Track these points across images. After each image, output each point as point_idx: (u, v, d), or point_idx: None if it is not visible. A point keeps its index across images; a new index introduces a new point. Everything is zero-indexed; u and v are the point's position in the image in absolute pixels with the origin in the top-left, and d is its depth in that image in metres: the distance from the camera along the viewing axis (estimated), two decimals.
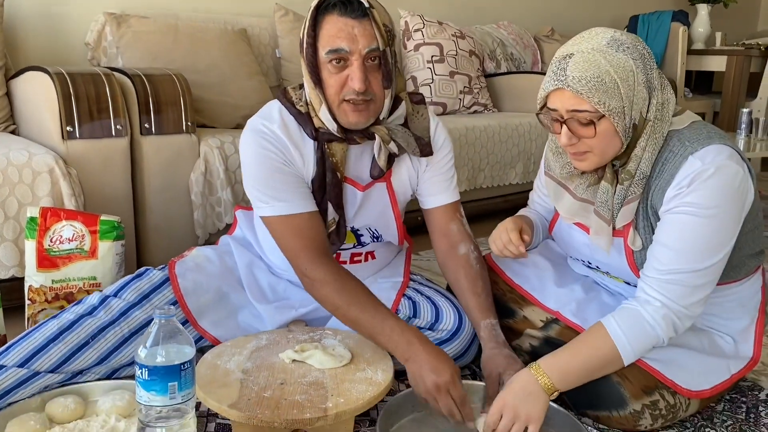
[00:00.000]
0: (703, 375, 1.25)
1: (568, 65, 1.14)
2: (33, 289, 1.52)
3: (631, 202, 1.21)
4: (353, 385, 1.20)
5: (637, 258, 1.25)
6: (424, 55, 3.04)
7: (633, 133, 1.17)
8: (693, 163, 1.14)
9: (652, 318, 1.17)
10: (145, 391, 0.98)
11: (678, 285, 1.16)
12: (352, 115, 1.29)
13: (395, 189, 1.44)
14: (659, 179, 1.18)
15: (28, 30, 2.31)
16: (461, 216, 1.49)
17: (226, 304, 1.44)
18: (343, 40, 1.23)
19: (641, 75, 1.15)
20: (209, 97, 2.23)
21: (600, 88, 1.12)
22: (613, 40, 1.15)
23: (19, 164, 1.62)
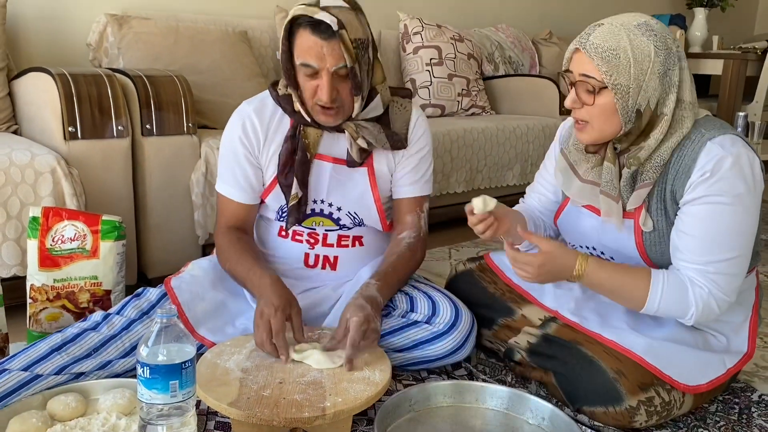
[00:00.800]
0: (699, 370, 1.27)
1: (594, 31, 1.20)
2: (35, 288, 1.53)
3: (645, 187, 1.24)
4: (351, 385, 1.22)
5: (646, 239, 1.28)
6: (422, 57, 3.06)
7: (637, 121, 1.20)
8: (712, 148, 1.18)
9: (694, 298, 1.22)
10: (146, 389, 1.00)
11: (722, 275, 1.21)
12: (321, 117, 1.41)
13: (376, 174, 1.50)
14: (678, 164, 1.21)
15: (30, 31, 2.32)
16: (421, 211, 1.55)
17: (222, 312, 1.47)
18: (312, 58, 1.32)
19: (659, 65, 1.18)
20: (210, 98, 2.24)
21: (612, 60, 1.17)
22: (646, 24, 1.20)
23: (22, 164, 1.63)
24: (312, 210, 1.49)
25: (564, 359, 1.31)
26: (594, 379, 1.25)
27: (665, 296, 1.24)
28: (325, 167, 1.48)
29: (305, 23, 1.31)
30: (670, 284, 1.24)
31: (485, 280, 1.55)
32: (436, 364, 1.45)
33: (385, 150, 1.49)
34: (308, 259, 1.52)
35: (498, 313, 1.48)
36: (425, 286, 1.54)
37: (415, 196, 1.54)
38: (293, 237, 1.52)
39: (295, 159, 1.44)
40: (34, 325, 1.54)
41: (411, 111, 1.53)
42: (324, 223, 1.51)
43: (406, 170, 1.52)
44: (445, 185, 2.63)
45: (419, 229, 1.53)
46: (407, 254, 1.50)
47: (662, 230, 1.27)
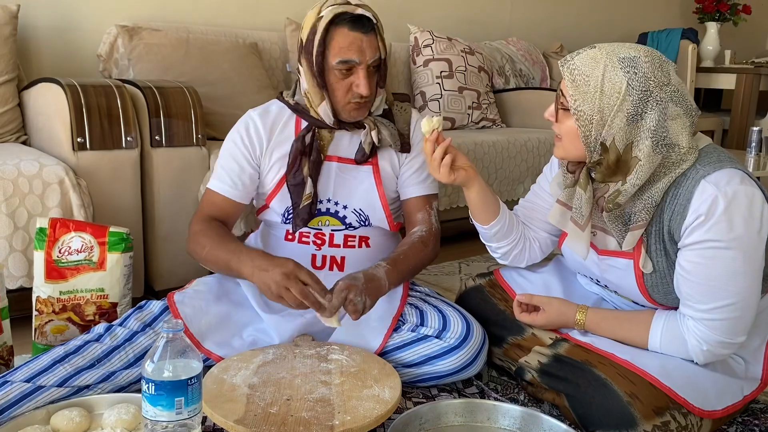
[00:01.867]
0: (715, 395, 1.24)
1: (581, 53, 1.19)
2: (41, 300, 1.52)
3: (638, 228, 1.21)
4: (360, 403, 1.19)
5: (647, 280, 1.25)
6: (433, 70, 3.05)
7: (604, 153, 1.18)
8: (706, 188, 1.14)
9: (692, 346, 1.23)
10: (151, 406, 0.98)
11: (720, 320, 1.19)
12: (354, 113, 1.46)
13: (381, 172, 1.54)
14: (674, 204, 1.18)
15: (41, 41, 2.32)
16: (431, 208, 1.58)
17: (228, 324, 1.45)
18: (354, 53, 1.39)
19: (629, 105, 1.13)
20: (219, 110, 2.24)
21: (581, 86, 1.16)
22: (632, 59, 1.15)
23: (30, 175, 1.62)
24: (318, 209, 1.51)
25: (576, 381, 1.27)
26: (607, 403, 1.21)
27: (665, 343, 1.26)
28: (330, 167, 1.51)
29: (345, 20, 1.38)
30: (668, 333, 1.25)
31: (495, 297, 1.53)
32: (446, 380, 1.43)
33: (389, 150, 1.53)
34: (315, 260, 1.52)
35: (508, 331, 1.45)
36: (436, 300, 1.52)
37: (422, 195, 1.56)
38: (300, 239, 1.53)
39: (304, 158, 1.47)
40: (40, 337, 1.53)
41: (411, 112, 1.59)
42: (330, 222, 1.52)
43: (411, 171, 1.56)
44: (455, 199, 2.60)
45: (430, 224, 1.55)
46: (419, 245, 1.51)
47: (663, 271, 1.24)
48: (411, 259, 1.48)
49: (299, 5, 2.84)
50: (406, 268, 1.47)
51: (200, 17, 2.65)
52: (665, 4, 4.72)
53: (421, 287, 1.62)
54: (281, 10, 2.83)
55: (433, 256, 1.56)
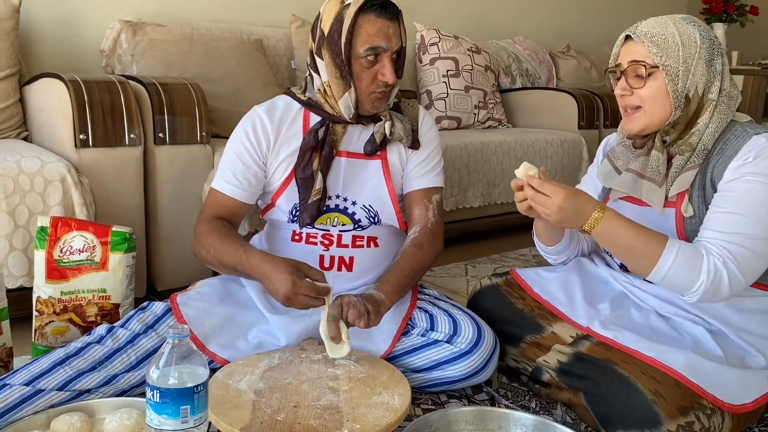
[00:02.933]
0: (743, 389, 1.21)
1: (642, 23, 1.30)
2: (41, 301, 1.48)
3: (689, 170, 1.27)
4: (369, 410, 1.16)
5: (687, 226, 1.28)
6: (439, 69, 3.01)
7: (686, 107, 1.26)
8: (757, 140, 1.23)
9: (707, 267, 1.19)
10: (155, 413, 0.94)
11: (743, 248, 1.19)
12: (377, 103, 1.44)
13: (390, 167, 1.52)
14: (721, 155, 1.25)
15: (43, 36, 2.29)
16: (429, 202, 1.54)
17: (232, 326, 1.42)
18: (382, 39, 1.38)
19: (704, 52, 1.26)
20: (224, 107, 2.20)
21: (661, 43, 1.26)
22: (690, 18, 1.30)
23: (31, 172, 1.59)
24: (327, 206, 1.48)
25: (597, 379, 1.24)
26: (630, 401, 1.18)
27: (678, 260, 1.21)
28: (339, 162, 1.49)
29: (374, 7, 1.38)
30: (685, 250, 1.22)
31: (513, 296, 1.49)
32: (456, 386, 1.40)
33: (398, 144, 1.52)
34: (323, 261, 1.49)
35: (526, 330, 1.42)
36: (446, 304, 1.49)
37: (423, 188, 1.53)
38: (307, 240, 1.50)
39: (314, 153, 1.45)
40: (40, 338, 1.49)
41: (418, 108, 1.59)
42: (339, 220, 1.49)
43: (415, 163, 1.54)
44: (462, 199, 2.57)
45: (426, 220, 1.51)
46: (411, 249, 1.47)
47: (701, 216, 1.27)
48: (404, 268, 1.43)
49: (304, 1, 2.81)
50: (398, 277, 1.41)
51: (204, 13, 2.61)
52: (672, 4, 4.69)
53: (430, 290, 1.59)
54: (286, 6, 2.79)
55: (433, 254, 1.51)
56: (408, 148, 1.53)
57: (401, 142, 1.50)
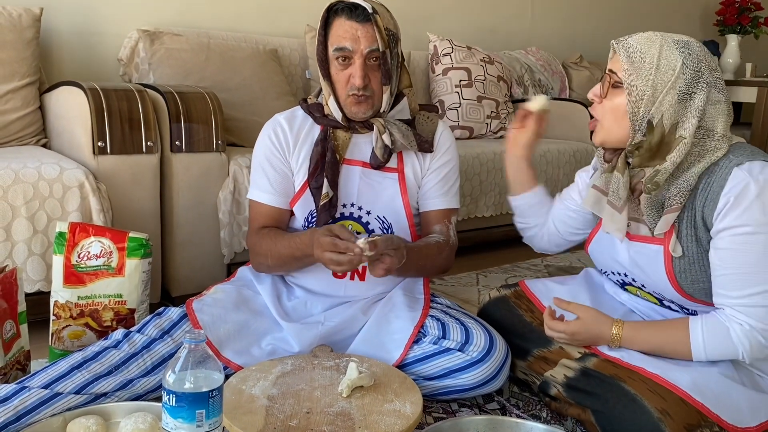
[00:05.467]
0: (749, 411, 1.20)
1: (636, 35, 1.24)
2: (58, 305, 1.50)
3: (672, 212, 1.22)
4: (381, 417, 1.16)
5: (676, 266, 1.25)
6: (452, 79, 3.03)
7: (648, 134, 1.19)
8: (738, 174, 1.16)
9: (737, 337, 1.19)
10: (171, 417, 0.96)
11: (760, 307, 1.17)
12: (354, 108, 1.46)
13: (407, 181, 1.53)
14: (707, 191, 1.19)
15: (62, 45, 2.33)
16: (449, 222, 1.57)
17: (247, 333, 1.43)
18: (347, 41, 1.40)
19: (682, 83, 1.17)
20: (239, 116, 2.23)
21: (636, 62, 1.19)
22: (684, 43, 1.21)
23: (50, 178, 1.62)
24: (342, 214, 1.50)
25: (604, 396, 1.24)
26: (636, 419, 1.18)
27: (708, 344, 1.22)
28: (354, 171, 1.51)
29: (342, 9, 1.41)
30: (709, 330, 1.22)
31: (521, 308, 1.50)
32: (468, 395, 1.40)
33: (412, 153, 1.53)
34: None
35: (534, 344, 1.43)
36: (457, 313, 1.50)
37: (442, 209, 1.56)
38: None
39: (325, 161, 1.48)
40: (57, 342, 1.51)
41: (437, 123, 1.58)
42: (354, 228, 1.51)
43: (433, 182, 1.55)
44: (474, 209, 2.58)
45: (448, 236, 1.55)
46: (435, 248, 1.50)
47: (692, 256, 1.24)
48: (425, 257, 1.48)
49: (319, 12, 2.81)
50: (416, 261, 1.45)
51: (221, 23, 2.64)
52: (686, 17, 4.68)
53: (442, 299, 1.59)
54: (301, 16, 2.82)
55: (445, 267, 1.55)
56: (423, 160, 1.54)
57: (409, 148, 1.50)
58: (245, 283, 1.56)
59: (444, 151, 1.56)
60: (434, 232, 1.54)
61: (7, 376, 1.36)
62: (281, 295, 1.53)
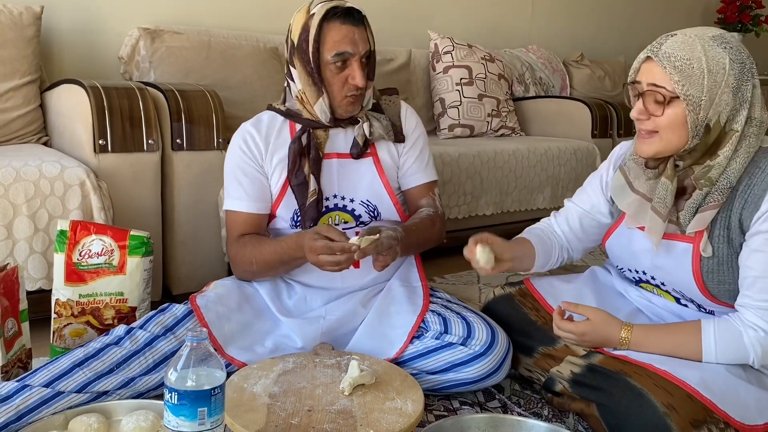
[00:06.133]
0: (757, 409, 1.20)
1: (667, 41, 1.18)
2: (60, 303, 1.50)
3: (710, 209, 1.20)
4: (383, 416, 1.16)
5: (704, 265, 1.24)
6: (452, 77, 3.03)
7: (705, 136, 1.18)
8: None
9: (750, 342, 1.19)
10: (173, 415, 0.96)
11: None
12: (350, 107, 1.50)
13: (382, 163, 1.58)
14: (748, 193, 1.18)
15: (63, 43, 2.33)
16: (434, 194, 1.63)
17: (250, 332, 1.44)
18: (347, 45, 1.43)
19: (732, 79, 1.15)
20: (240, 114, 2.22)
21: (685, 70, 1.14)
22: (721, 36, 1.18)
23: (51, 176, 1.62)
24: (327, 207, 1.52)
25: (610, 391, 1.24)
26: (642, 414, 1.18)
27: (720, 347, 1.22)
28: (331, 164, 1.54)
29: (337, 15, 1.43)
30: (721, 334, 1.21)
31: (527, 306, 1.50)
32: (470, 388, 1.41)
33: (386, 141, 1.58)
34: None
35: (539, 342, 1.43)
36: (458, 307, 1.51)
37: (425, 183, 1.62)
38: None
39: (303, 159, 1.50)
40: (58, 340, 1.51)
41: (399, 104, 1.63)
42: (341, 218, 1.53)
43: (411, 161, 1.61)
44: (474, 207, 2.58)
45: (436, 207, 1.61)
46: (428, 221, 1.56)
47: (722, 257, 1.23)
48: (422, 232, 1.54)
49: None
50: (416, 240, 1.51)
51: (221, 21, 2.64)
52: (686, 14, 4.68)
53: (442, 293, 1.60)
54: None
55: (440, 237, 1.61)
56: (396, 143, 1.59)
57: (385, 138, 1.56)
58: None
59: (412, 130, 1.62)
60: (422, 206, 1.60)
61: (9, 374, 1.36)
62: (281, 293, 1.54)
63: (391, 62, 2.93)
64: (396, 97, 1.65)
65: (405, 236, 1.44)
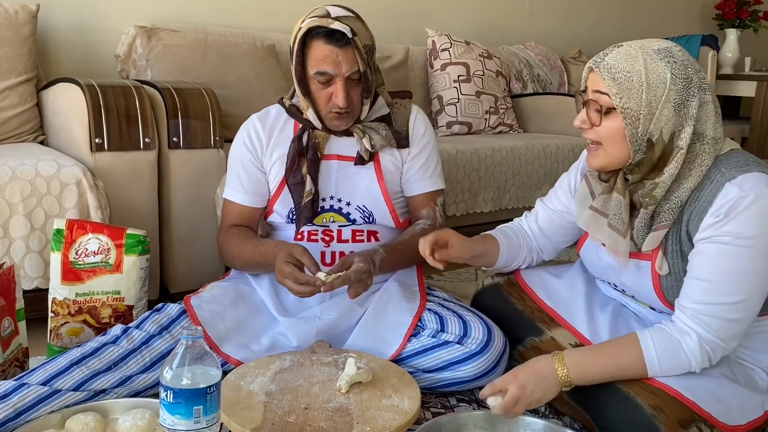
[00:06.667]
0: (738, 409, 1.19)
1: (611, 52, 1.17)
2: (56, 302, 1.50)
3: (661, 229, 1.19)
4: (379, 413, 1.17)
5: (663, 283, 1.23)
6: (450, 74, 3.02)
7: (649, 151, 1.15)
8: (730, 190, 1.12)
9: (687, 348, 1.16)
10: (169, 414, 0.96)
11: (714, 317, 1.14)
12: (336, 122, 1.49)
13: (383, 169, 1.56)
14: (695, 206, 1.16)
15: (59, 42, 2.32)
16: (436, 204, 1.61)
17: (245, 329, 1.44)
18: (329, 65, 1.41)
19: (674, 94, 1.13)
20: (237, 112, 2.22)
21: (624, 83, 1.13)
22: (667, 50, 1.15)
23: (48, 175, 1.62)
24: (322, 207, 1.53)
25: (597, 393, 1.24)
26: (630, 417, 1.18)
27: (662, 358, 1.17)
28: (330, 165, 1.54)
29: (320, 34, 1.41)
30: (661, 344, 1.17)
31: (513, 296, 1.49)
32: (467, 386, 1.41)
33: (390, 147, 1.55)
34: (325, 257, 1.53)
35: (526, 332, 1.43)
36: (455, 306, 1.51)
37: (428, 192, 1.59)
38: (309, 237, 1.54)
39: (302, 159, 1.50)
40: (55, 339, 1.51)
41: (410, 108, 1.61)
42: (335, 219, 1.53)
43: (415, 168, 1.58)
44: (472, 204, 2.58)
45: (434, 219, 1.58)
46: (419, 237, 1.47)
47: (678, 273, 1.21)
48: (410, 251, 1.46)
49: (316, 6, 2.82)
50: (402, 257, 1.49)
51: (218, 19, 2.64)
52: (685, 11, 4.67)
53: (439, 292, 1.60)
54: (299, 12, 2.76)
55: None
56: (401, 150, 1.56)
57: (389, 147, 1.54)
58: (242, 280, 1.57)
59: (420, 136, 1.59)
60: (422, 217, 1.58)
61: (6, 373, 1.36)
62: (279, 292, 1.53)
63: (389, 60, 2.92)
64: (408, 101, 1.63)
65: (387, 258, 1.43)
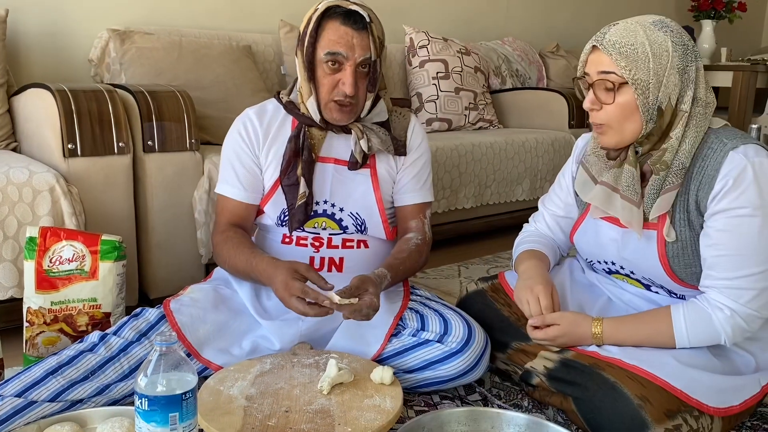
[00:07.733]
0: (732, 391, 1.22)
1: (610, 30, 1.22)
2: (32, 311, 1.48)
3: (669, 192, 1.22)
4: (361, 413, 1.16)
5: (669, 250, 1.25)
6: (429, 71, 3.02)
7: (659, 119, 1.20)
8: (734, 157, 1.17)
9: (719, 323, 1.20)
10: (144, 422, 0.94)
11: (745, 290, 1.18)
12: (336, 114, 1.43)
13: (379, 177, 1.53)
14: (702, 174, 1.20)
15: (31, 46, 2.29)
16: (424, 217, 1.58)
17: (226, 333, 1.42)
18: (342, 47, 1.37)
19: (677, 60, 1.18)
20: (213, 114, 2.20)
21: (631, 55, 1.18)
22: (661, 21, 1.21)
23: (19, 183, 1.59)
24: (315, 211, 1.49)
25: (584, 384, 1.24)
26: (617, 406, 1.18)
27: (691, 331, 1.23)
28: (327, 168, 1.50)
29: (338, 14, 1.38)
30: (691, 318, 1.23)
31: (499, 302, 1.49)
32: (448, 385, 1.40)
33: (386, 154, 1.52)
34: (314, 262, 1.50)
35: (512, 337, 1.42)
36: (436, 304, 1.50)
37: (417, 203, 1.56)
38: (297, 242, 1.51)
39: (298, 159, 1.47)
40: (31, 349, 1.49)
41: (410, 118, 1.58)
42: (327, 225, 1.50)
43: (408, 178, 1.55)
44: (453, 201, 2.57)
45: (424, 233, 1.55)
46: (415, 254, 1.50)
47: (685, 241, 1.24)
48: (408, 269, 1.49)
49: (293, 7, 2.81)
50: (400, 276, 1.47)
51: (193, 20, 2.61)
52: (661, 2, 4.71)
53: (422, 291, 1.59)
54: (275, 12, 2.80)
55: (423, 266, 1.57)
56: (396, 157, 1.54)
57: (386, 152, 1.51)
58: (223, 282, 1.55)
59: (417, 147, 1.56)
60: (411, 229, 1.55)
61: None
62: (260, 294, 1.52)
63: None
64: (407, 110, 1.61)
65: (390, 283, 1.41)
